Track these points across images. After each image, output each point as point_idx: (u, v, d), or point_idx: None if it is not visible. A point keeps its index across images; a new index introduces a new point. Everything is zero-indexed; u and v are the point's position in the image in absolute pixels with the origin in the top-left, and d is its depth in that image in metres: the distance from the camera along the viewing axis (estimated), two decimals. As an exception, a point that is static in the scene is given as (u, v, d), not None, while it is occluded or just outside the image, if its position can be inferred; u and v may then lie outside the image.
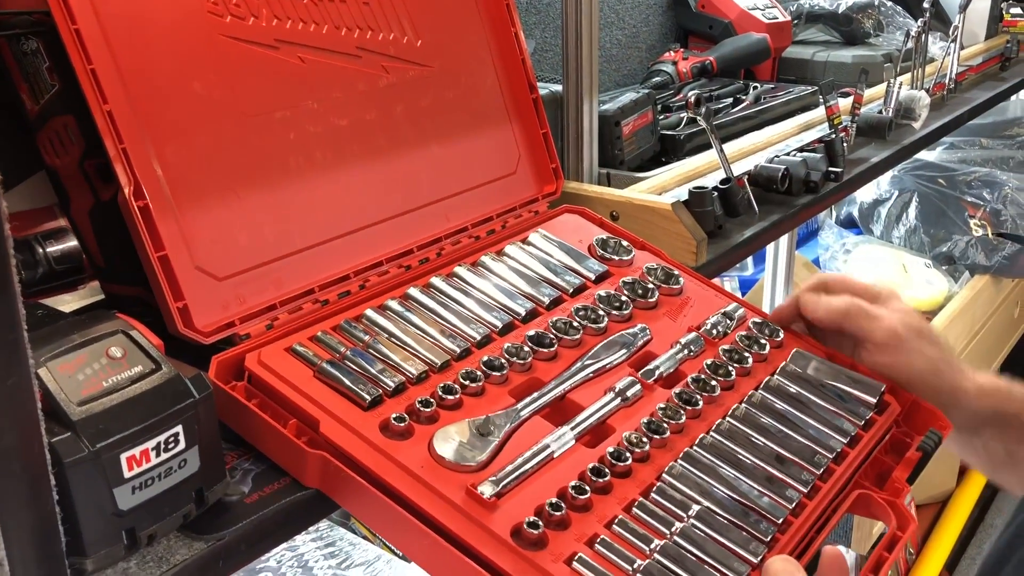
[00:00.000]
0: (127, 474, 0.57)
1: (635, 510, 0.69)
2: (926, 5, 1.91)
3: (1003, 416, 0.87)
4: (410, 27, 0.95)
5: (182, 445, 0.60)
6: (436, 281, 0.88)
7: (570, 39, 1.22)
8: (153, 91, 0.74)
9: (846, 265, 2.54)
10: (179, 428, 0.60)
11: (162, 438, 0.59)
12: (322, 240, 0.84)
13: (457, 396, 0.74)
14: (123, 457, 0.57)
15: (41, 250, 0.82)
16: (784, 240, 1.95)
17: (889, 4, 2.25)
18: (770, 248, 1.98)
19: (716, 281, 1.00)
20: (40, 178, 0.84)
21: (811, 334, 0.94)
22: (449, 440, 0.70)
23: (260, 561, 1.35)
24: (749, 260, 2.35)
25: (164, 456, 0.59)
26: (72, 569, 0.56)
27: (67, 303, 0.86)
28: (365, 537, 1.44)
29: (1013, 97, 2.79)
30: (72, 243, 0.85)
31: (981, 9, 2.44)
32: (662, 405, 0.79)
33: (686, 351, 0.87)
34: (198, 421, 0.61)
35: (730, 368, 0.86)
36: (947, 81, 2.03)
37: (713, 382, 0.84)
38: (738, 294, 0.98)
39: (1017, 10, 2.58)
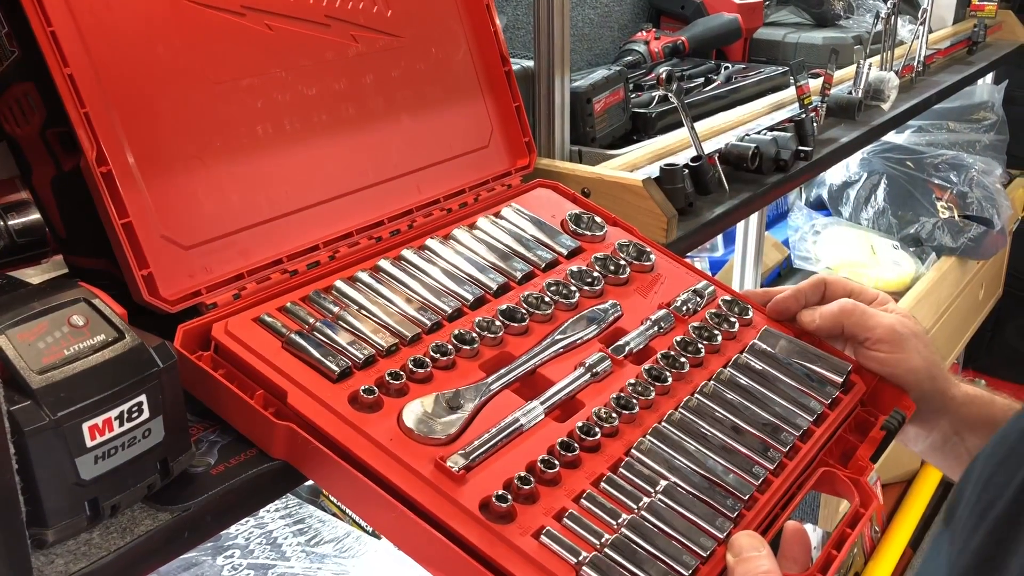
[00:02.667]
0: (89, 443, 0.56)
1: (603, 485, 0.70)
2: (896, -12, 1.92)
3: (989, 420, 0.88)
4: (381, -3, 0.94)
5: (146, 415, 0.59)
6: (407, 253, 0.87)
7: (541, 14, 1.21)
8: (116, 56, 0.72)
9: (815, 246, 2.55)
10: (143, 397, 0.59)
11: (125, 407, 0.58)
12: (291, 210, 0.83)
13: (427, 369, 0.74)
14: (85, 426, 0.56)
15: (2, 223, 0.80)
16: (754, 221, 1.96)
17: (860, -13, 2.27)
18: (740, 228, 1.99)
19: (688, 260, 1.00)
20: (1, 149, 0.82)
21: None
22: (418, 413, 0.69)
23: (228, 538, 1.34)
24: (719, 240, 2.36)
25: (127, 426, 0.58)
26: (33, 540, 0.55)
27: (30, 277, 0.85)
28: (334, 514, 1.44)
29: (980, 81, 2.82)
30: (34, 216, 0.83)
31: (950, -7, 2.46)
32: (632, 381, 0.79)
33: (656, 328, 0.87)
34: (162, 391, 0.60)
35: (699, 345, 0.86)
36: (916, 64, 2.04)
37: (682, 359, 0.84)
38: (709, 274, 0.98)
39: (985, -5, 2.60)
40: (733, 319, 0.91)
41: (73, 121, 0.69)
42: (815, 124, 1.49)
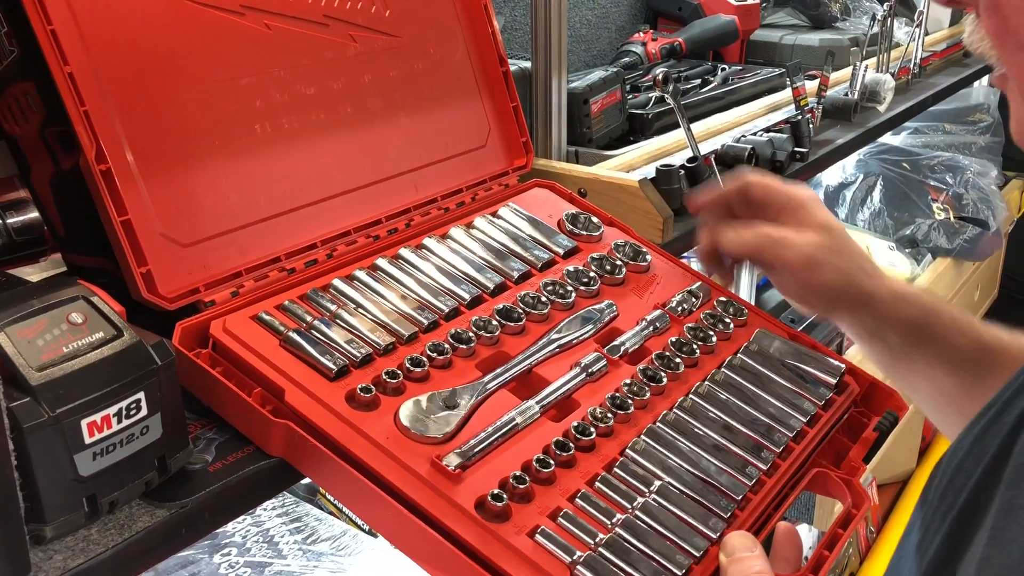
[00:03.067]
0: (88, 440, 0.57)
1: (598, 484, 0.70)
2: (892, -10, 1.92)
3: (913, 321, 0.87)
4: (380, -3, 0.94)
5: (144, 412, 0.60)
6: (405, 252, 0.88)
7: (539, 15, 1.21)
8: (116, 54, 0.73)
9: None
10: (141, 394, 0.59)
11: (123, 404, 0.58)
12: (289, 208, 0.83)
13: (424, 368, 0.74)
14: (83, 423, 0.56)
15: (1, 221, 0.80)
16: (750, 221, 1.96)
17: (857, -11, 2.27)
18: (736, 229, 1.99)
19: (684, 260, 1.00)
20: (0, 148, 0.82)
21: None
22: (415, 412, 0.70)
23: (225, 536, 1.34)
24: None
25: (126, 423, 0.58)
26: (31, 536, 0.56)
27: (29, 275, 0.85)
28: (331, 512, 1.44)
29: (976, 83, 2.82)
30: (33, 214, 0.83)
31: (947, -4, 2.46)
32: (627, 381, 0.80)
33: (651, 328, 0.87)
34: (160, 388, 0.60)
35: (694, 346, 0.87)
36: (912, 66, 2.05)
37: (677, 359, 0.84)
38: (706, 275, 0.99)
39: (982, -3, 2.60)
40: (728, 320, 0.92)
41: (73, 119, 0.69)
42: (811, 126, 1.50)
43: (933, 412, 0.93)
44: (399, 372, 0.73)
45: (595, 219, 1.01)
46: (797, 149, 1.43)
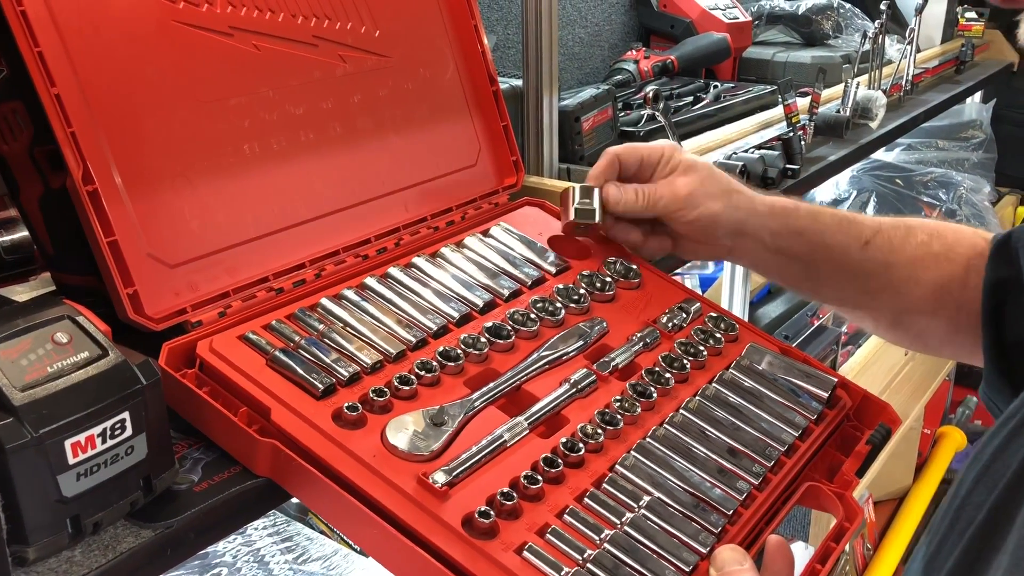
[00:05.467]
0: (71, 460, 0.56)
1: (587, 500, 0.70)
2: (883, 8, 1.93)
3: (793, 232, 0.94)
4: (368, 17, 0.95)
5: (129, 432, 0.59)
6: (394, 271, 0.88)
7: (530, 33, 1.22)
8: (103, 76, 0.73)
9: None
10: (126, 415, 0.59)
11: (108, 424, 0.58)
12: (277, 228, 0.83)
13: (412, 386, 0.74)
14: (67, 443, 0.56)
15: (-11, 241, 0.81)
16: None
17: (848, 6, 2.28)
18: (730, 246, 1.99)
19: (676, 278, 1.00)
20: (-12, 167, 0.82)
21: None
22: (402, 429, 0.69)
23: (216, 556, 1.33)
24: (709, 258, 2.36)
25: (110, 443, 0.58)
26: (14, 557, 0.55)
27: (19, 294, 0.85)
28: (322, 532, 1.43)
29: (968, 100, 2.84)
30: (22, 233, 0.83)
31: (937, 13, 2.48)
32: (617, 397, 0.80)
33: (642, 344, 0.87)
34: (146, 408, 0.60)
35: (685, 361, 0.86)
36: (904, 82, 2.06)
37: (667, 375, 0.84)
38: (698, 292, 0.99)
39: (972, 14, 2.63)
40: (719, 335, 0.92)
41: (60, 140, 0.69)
42: (803, 142, 1.51)
43: (847, 315, 1.03)
44: (386, 390, 0.72)
45: (585, 236, 1.00)
46: (789, 166, 1.43)
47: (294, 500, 0.72)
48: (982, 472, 0.58)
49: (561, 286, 0.91)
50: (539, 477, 0.69)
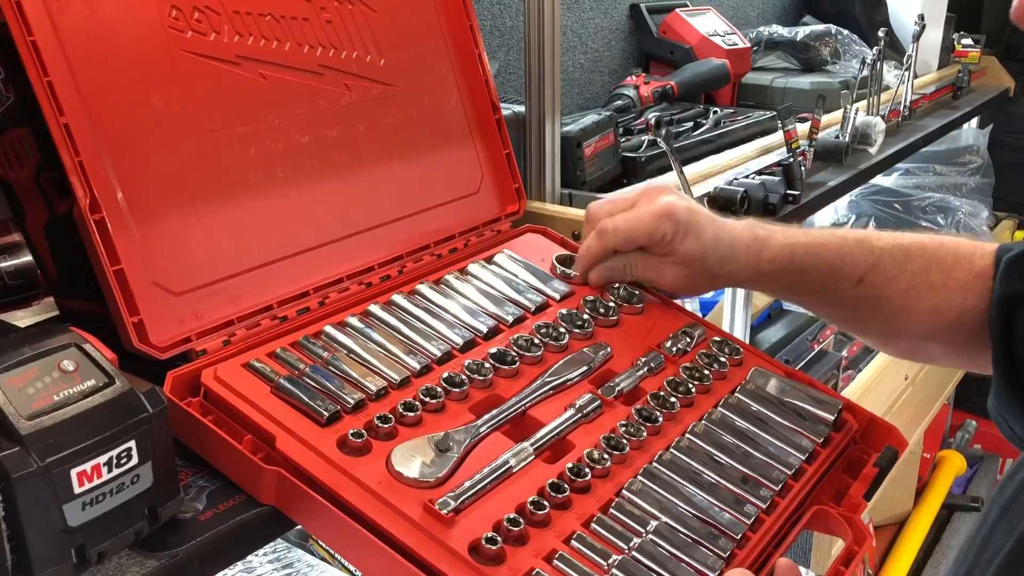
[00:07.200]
0: (77, 490, 0.56)
1: (594, 525, 0.69)
2: (881, 34, 1.95)
3: (785, 286, 0.95)
4: (373, 46, 0.95)
5: (135, 460, 0.59)
6: (397, 298, 0.88)
7: (532, 60, 1.23)
8: (111, 104, 0.74)
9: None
10: (132, 443, 0.59)
11: (114, 453, 0.58)
12: (281, 256, 0.84)
13: (417, 413, 0.74)
14: (73, 472, 0.56)
15: (-6, 265, 0.81)
16: (744, 263, 1.97)
17: (846, 33, 2.30)
18: (731, 271, 1.99)
19: (677, 302, 1.01)
20: (-7, 192, 0.83)
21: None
22: (407, 456, 0.69)
23: (216, 584, 1.32)
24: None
25: (116, 472, 0.58)
26: (19, 587, 0.55)
27: (21, 319, 0.85)
28: (324, 559, 1.42)
29: (965, 125, 2.85)
30: (27, 258, 0.83)
31: (933, 40, 2.49)
32: (622, 422, 0.79)
33: (646, 368, 0.87)
34: (151, 436, 0.60)
35: (690, 385, 0.86)
36: (902, 108, 2.07)
37: (673, 399, 0.84)
38: (699, 315, 0.99)
39: (968, 41, 2.65)
40: (723, 359, 0.92)
41: (67, 169, 0.70)
42: (803, 168, 1.51)
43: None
44: (391, 417, 0.72)
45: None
46: (789, 191, 1.44)
47: (296, 527, 0.71)
48: (1010, 500, 0.58)
49: (565, 311, 0.91)
50: (546, 503, 0.69)
